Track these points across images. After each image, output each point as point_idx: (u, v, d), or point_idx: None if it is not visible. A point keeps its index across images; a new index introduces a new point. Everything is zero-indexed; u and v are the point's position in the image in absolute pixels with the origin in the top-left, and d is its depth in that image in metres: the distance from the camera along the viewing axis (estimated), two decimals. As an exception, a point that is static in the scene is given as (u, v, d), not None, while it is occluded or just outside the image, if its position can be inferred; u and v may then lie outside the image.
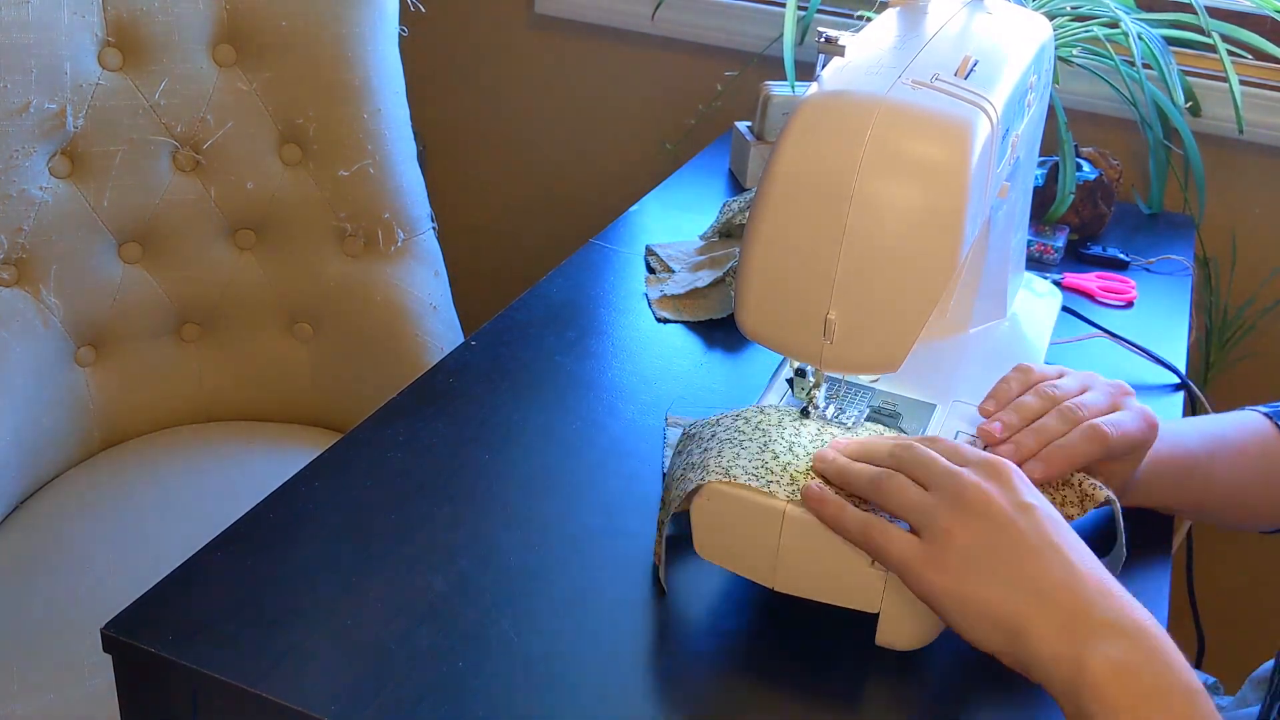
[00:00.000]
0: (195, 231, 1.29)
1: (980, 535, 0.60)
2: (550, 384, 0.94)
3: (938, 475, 0.63)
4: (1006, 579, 0.59)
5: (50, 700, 0.98)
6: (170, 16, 1.20)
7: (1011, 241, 0.95)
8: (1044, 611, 0.58)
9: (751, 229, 0.68)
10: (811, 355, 0.69)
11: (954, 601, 0.60)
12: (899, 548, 0.62)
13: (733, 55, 1.65)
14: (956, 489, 0.62)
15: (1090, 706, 0.55)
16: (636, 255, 1.18)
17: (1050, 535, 0.60)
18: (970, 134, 0.65)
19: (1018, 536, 0.60)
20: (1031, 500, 0.62)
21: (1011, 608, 0.58)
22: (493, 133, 1.86)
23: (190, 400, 1.35)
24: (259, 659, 0.64)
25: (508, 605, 0.70)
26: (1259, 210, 1.49)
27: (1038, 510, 0.61)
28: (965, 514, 0.61)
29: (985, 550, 0.60)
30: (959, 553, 0.60)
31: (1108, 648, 0.56)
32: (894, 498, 0.64)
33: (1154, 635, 0.57)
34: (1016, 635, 0.58)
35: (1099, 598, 0.58)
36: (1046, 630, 0.57)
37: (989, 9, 0.84)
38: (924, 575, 0.61)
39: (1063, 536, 0.61)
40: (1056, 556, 0.59)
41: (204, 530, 0.74)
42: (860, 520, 0.64)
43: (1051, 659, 0.57)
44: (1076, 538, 0.61)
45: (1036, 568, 0.59)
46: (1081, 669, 0.55)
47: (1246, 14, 1.43)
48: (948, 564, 0.60)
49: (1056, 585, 0.58)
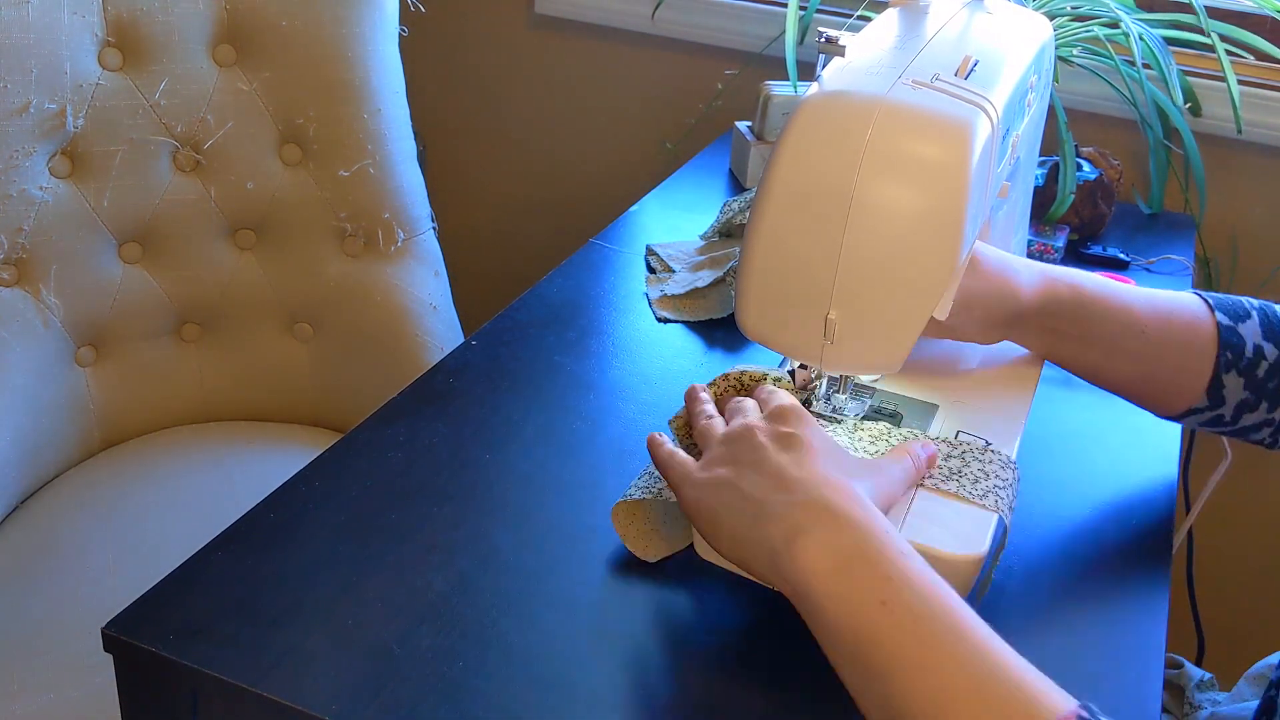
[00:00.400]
0: (195, 231, 1.29)
1: (733, 465, 0.65)
2: (550, 384, 0.94)
3: (735, 413, 0.70)
4: (744, 512, 0.63)
5: (50, 700, 0.98)
6: (170, 16, 1.20)
7: (1012, 242, 0.95)
8: (774, 528, 0.61)
9: (752, 229, 0.68)
10: (812, 355, 0.69)
11: (694, 514, 0.66)
12: (673, 467, 0.69)
13: (733, 55, 1.65)
14: (739, 423, 0.68)
15: (810, 584, 0.59)
16: (637, 255, 1.18)
17: (796, 450, 0.64)
18: (970, 134, 0.65)
19: (767, 468, 0.64)
20: (793, 430, 0.66)
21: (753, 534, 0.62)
22: (493, 133, 1.86)
23: (190, 400, 1.35)
24: (259, 659, 0.64)
25: (508, 605, 0.70)
26: (1259, 210, 1.49)
27: (795, 436, 0.65)
28: (733, 443, 0.66)
29: (728, 483, 0.64)
30: (710, 472, 0.66)
31: (816, 533, 0.60)
32: (699, 429, 0.71)
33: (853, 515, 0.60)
34: (761, 559, 0.62)
35: (810, 500, 0.61)
36: (778, 544, 0.61)
37: (989, 9, 0.84)
38: (680, 490, 0.67)
39: (809, 449, 0.65)
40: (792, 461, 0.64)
41: (204, 530, 0.74)
42: (667, 449, 0.71)
43: (783, 565, 0.60)
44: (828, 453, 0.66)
45: (767, 494, 0.63)
46: (797, 559, 0.59)
47: (1246, 14, 1.43)
48: (703, 479, 0.66)
49: (781, 503, 0.62)
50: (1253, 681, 0.97)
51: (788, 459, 0.64)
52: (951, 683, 0.54)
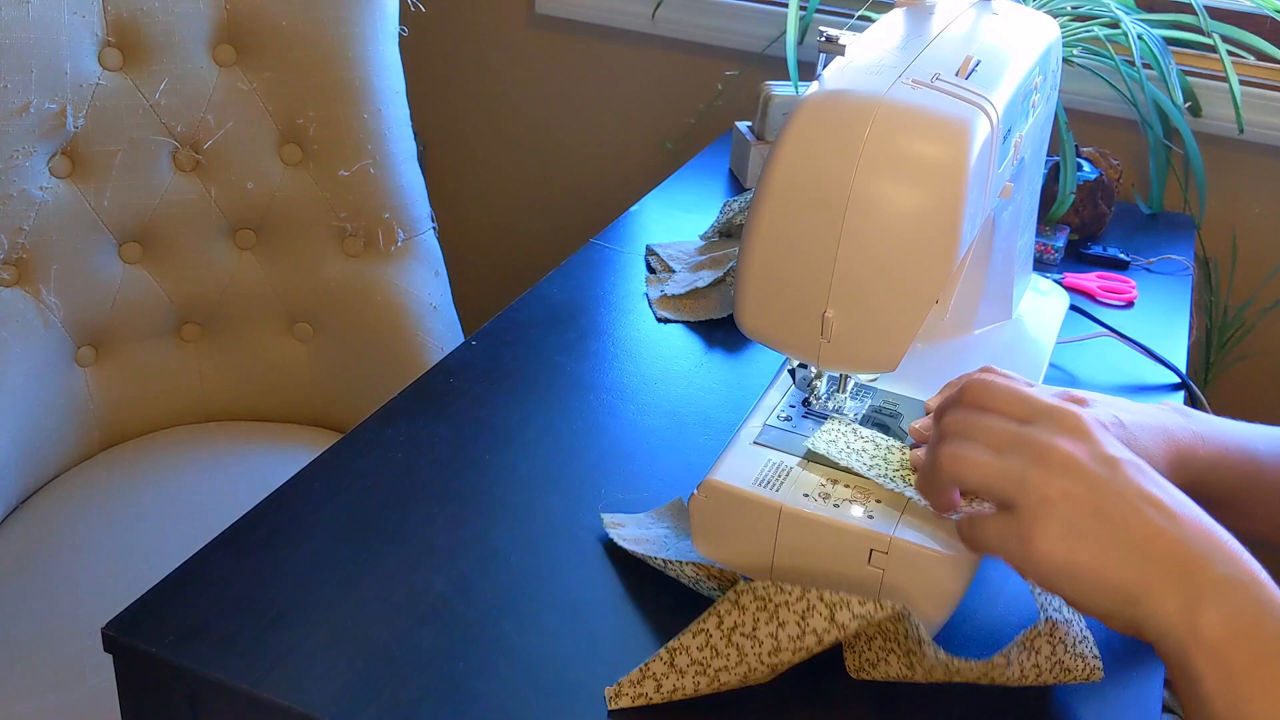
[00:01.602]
0: (195, 231, 1.29)
1: (1077, 498, 0.56)
2: (550, 384, 0.94)
3: (1009, 439, 0.58)
4: (1117, 543, 0.55)
5: (50, 700, 0.98)
6: (170, 16, 1.20)
7: (1017, 243, 0.95)
8: (1160, 574, 0.54)
9: (750, 227, 0.68)
10: (809, 353, 0.69)
11: (1065, 574, 0.56)
12: (995, 532, 0.58)
13: (733, 55, 1.65)
14: (1038, 451, 0.57)
15: (1205, 669, 0.53)
16: (637, 255, 1.18)
17: (1146, 489, 0.56)
18: (969, 134, 0.65)
19: (1116, 494, 0.56)
20: (1115, 453, 0.57)
21: (1128, 574, 0.55)
22: (493, 133, 1.86)
23: (190, 400, 1.35)
24: (259, 659, 0.64)
25: (508, 605, 0.70)
26: (1259, 210, 1.49)
27: (1124, 463, 0.57)
28: (1053, 474, 0.56)
29: (1088, 513, 0.56)
30: (1060, 520, 0.56)
31: (1222, 606, 0.53)
32: (965, 474, 0.59)
33: (1266, 587, 0.54)
34: (1134, 600, 0.55)
35: (1210, 551, 0.55)
36: (1164, 593, 0.54)
37: (995, 10, 0.84)
38: (1028, 553, 0.56)
39: (1159, 486, 0.57)
40: (1159, 511, 0.55)
41: (204, 530, 0.74)
42: (965, 528, 0.61)
43: (1166, 621, 0.54)
44: (1167, 483, 0.58)
45: (1144, 527, 0.55)
46: (1196, 632, 0.53)
47: (1246, 14, 1.43)
48: (1049, 535, 0.56)
49: (1168, 543, 0.55)
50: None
51: (1137, 487, 0.56)
52: None
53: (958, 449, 0.60)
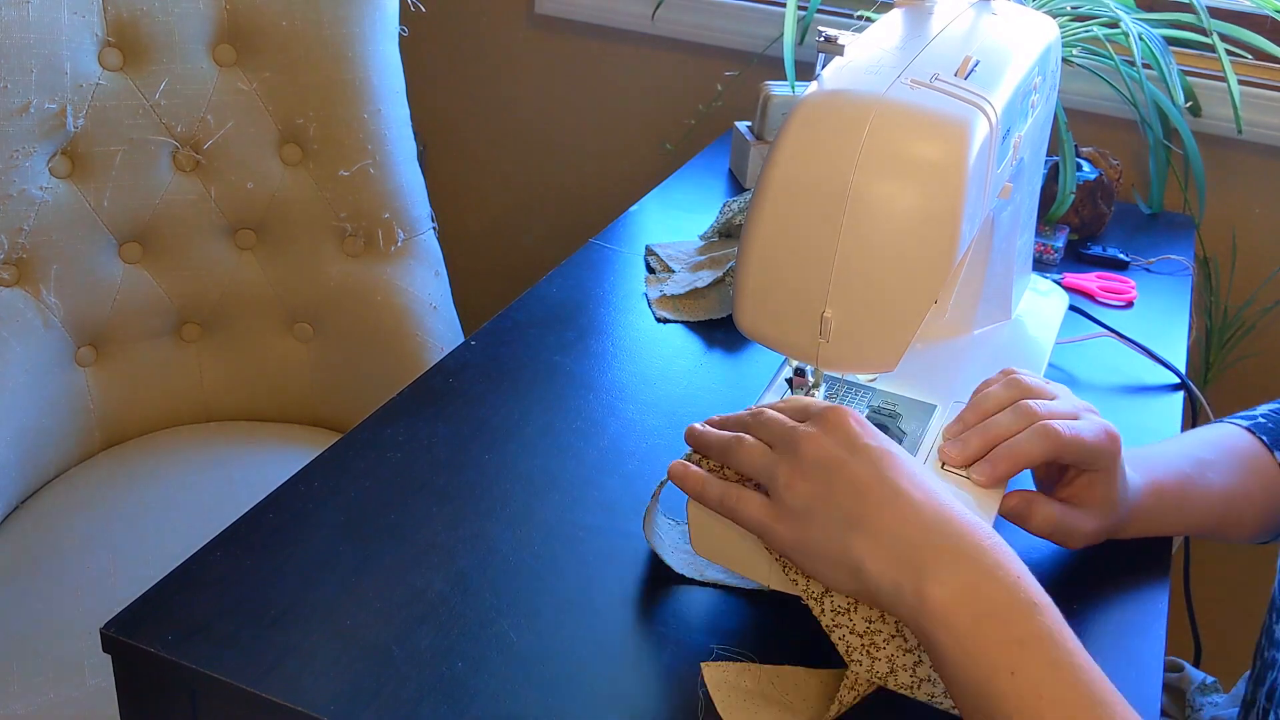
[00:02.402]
0: (195, 231, 1.29)
1: (816, 484, 0.62)
2: (550, 384, 0.94)
3: (778, 433, 0.65)
4: (841, 520, 0.61)
5: (50, 700, 0.98)
6: (170, 16, 1.20)
7: (1017, 243, 0.95)
8: (878, 545, 0.59)
9: (749, 227, 0.68)
10: (808, 354, 0.69)
11: (799, 551, 0.62)
12: (750, 509, 0.64)
13: (733, 55, 1.65)
14: (792, 443, 0.63)
15: (934, 632, 0.57)
16: (636, 255, 1.18)
17: (885, 471, 0.61)
18: (968, 134, 0.65)
19: (850, 478, 0.61)
20: (869, 441, 0.63)
21: (846, 546, 0.60)
22: (493, 133, 1.86)
23: (190, 400, 1.35)
24: (259, 659, 0.64)
25: (507, 605, 0.70)
26: (1259, 210, 1.49)
27: (874, 449, 0.62)
28: (801, 465, 0.62)
29: (821, 497, 0.62)
30: (798, 504, 0.62)
31: (945, 574, 0.57)
32: (743, 460, 0.65)
33: (992, 554, 0.58)
34: (857, 572, 0.60)
35: (935, 524, 0.59)
36: (882, 563, 0.59)
37: (994, 10, 0.84)
38: (774, 531, 0.63)
39: (898, 470, 0.62)
40: (889, 490, 0.61)
41: (204, 530, 0.74)
42: (718, 489, 0.66)
43: (893, 590, 0.59)
44: (917, 469, 0.62)
45: (867, 505, 0.60)
46: (922, 598, 0.57)
47: (1246, 14, 1.43)
48: (790, 516, 0.62)
49: (890, 520, 0.60)
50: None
51: (874, 473, 0.61)
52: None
53: (742, 443, 0.66)
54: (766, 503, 0.64)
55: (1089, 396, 0.97)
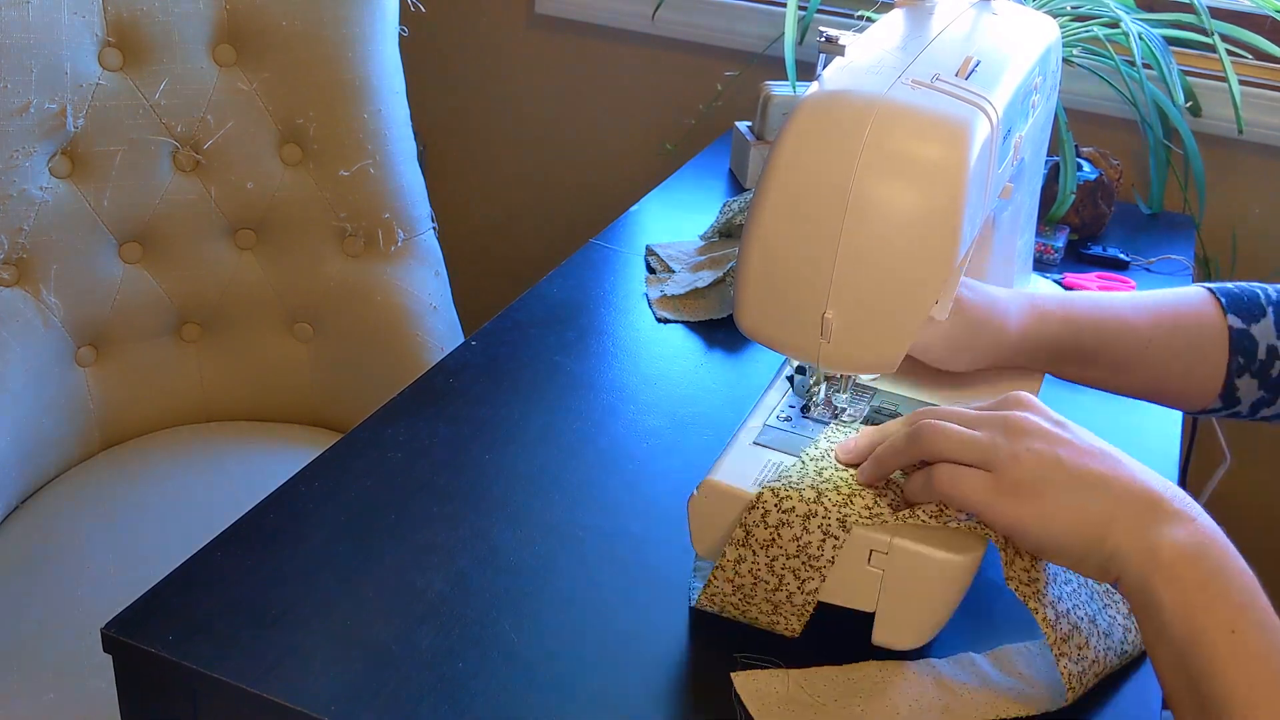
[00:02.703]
0: (195, 231, 1.29)
1: (1042, 453, 0.62)
2: (550, 384, 0.94)
3: (971, 419, 0.65)
4: (1081, 485, 0.61)
5: (50, 700, 0.98)
6: (170, 16, 1.20)
7: (1017, 244, 0.95)
8: (1122, 507, 0.60)
9: (750, 227, 0.68)
10: (809, 354, 0.69)
11: (1037, 522, 0.62)
12: (972, 485, 0.63)
13: (733, 55, 1.65)
14: (1001, 421, 0.64)
15: (1162, 589, 0.58)
16: (636, 255, 1.18)
17: (1097, 441, 0.64)
18: (969, 134, 0.65)
19: (1075, 446, 0.63)
20: (1060, 417, 0.65)
21: (1094, 510, 0.61)
22: (493, 133, 1.86)
23: (190, 400, 1.35)
24: (259, 659, 0.64)
25: (508, 605, 0.70)
26: (1259, 210, 1.49)
27: (1071, 424, 0.65)
28: (1021, 438, 0.63)
29: (1053, 465, 0.62)
30: (1030, 473, 0.62)
31: (1177, 532, 0.59)
32: (942, 444, 0.64)
33: (1212, 523, 0.60)
34: (1101, 537, 0.60)
35: (1162, 488, 0.61)
36: (1127, 524, 0.60)
37: (995, 10, 0.84)
38: (1004, 506, 0.62)
39: (1104, 442, 0.64)
40: (1111, 457, 0.63)
41: (204, 530, 0.74)
42: (922, 475, 0.65)
43: (1130, 550, 0.59)
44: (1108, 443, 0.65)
45: (1103, 469, 0.62)
46: (1155, 554, 0.58)
47: (1246, 14, 1.43)
48: (1023, 487, 0.62)
49: (1126, 482, 0.61)
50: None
51: (1091, 440, 0.63)
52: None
53: (936, 426, 0.65)
54: (989, 477, 0.63)
55: (1089, 397, 0.97)
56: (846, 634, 0.69)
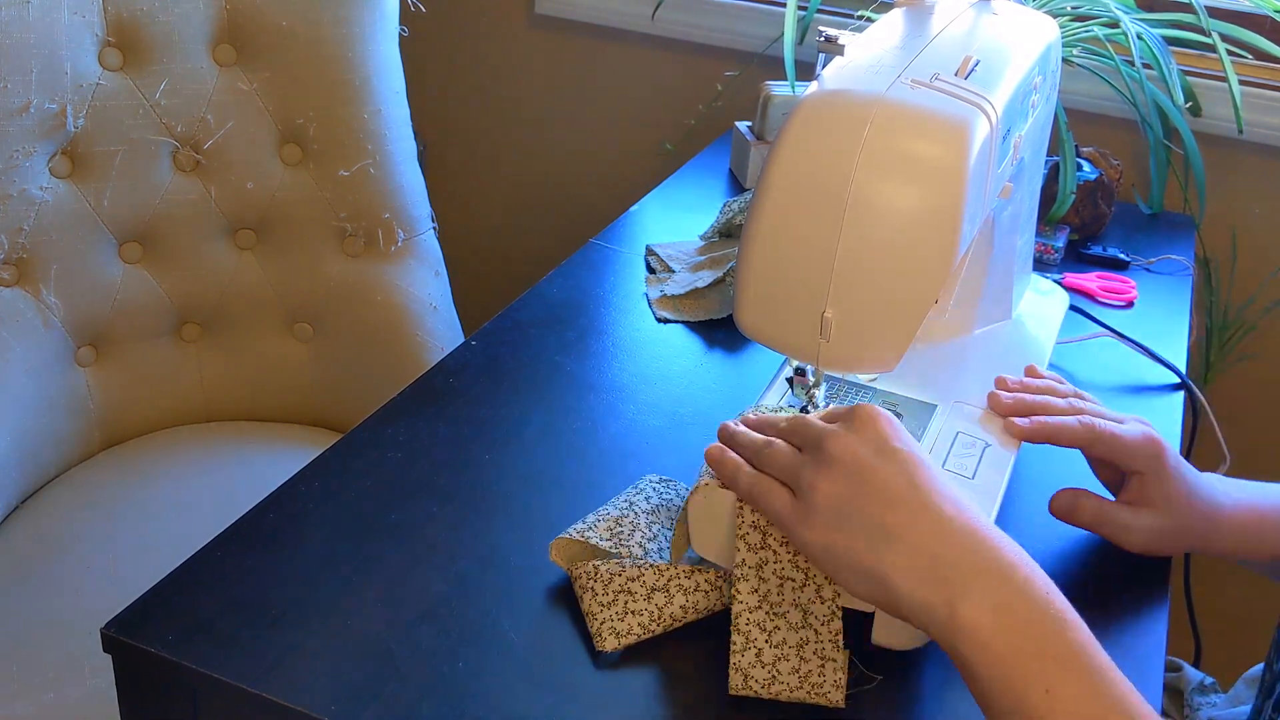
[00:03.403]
0: (195, 231, 1.29)
1: (843, 486, 0.61)
2: (550, 384, 0.94)
3: (809, 434, 0.64)
4: (869, 529, 0.59)
5: (50, 700, 0.98)
6: (170, 16, 1.20)
7: (1017, 243, 0.95)
8: (908, 560, 0.58)
9: (750, 227, 0.68)
10: (808, 354, 0.69)
11: (822, 554, 0.61)
12: (777, 504, 0.63)
13: (733, 55, 1.65)
14: (819, 442, 0.63)
15: (968, 652, 0.56)
16: (636, 255, 1.18)
17: (915, 479, 0.60)
18: (968, 133, 0.65)
19: (879, 485, 0.60)
20: (898, 445, 0.62)
21: (875, 558, 0.59)
22: (493, 132, 1.86)
23: (190, 400, 1.35)
24: (259, 659, 0.64)
25: (508, 605, 0.70)
26: (1259, 210, 1.49)
27: (902, 454, 0.61)
28: (828, 467, 0.61)
29: (847, 500, 0.60)
30: (824, 505, 0.61)
31: (977, 595, 0.56)
32: (770, 460, 0.65)
33: (1022, 570, 0.58)
34: (883, 584, 0.59)
35: (965, 540, 0.58)
36: (912, 579, 0.58)
37: (995, 10, 0.84)
38: (796, 530, 0.62)
39: (928, 478, 0.61)
40: (919, 501, 0.60)
41: (204, 530, 0.74)
42: (749, 479, 0.65)
43: (922, 606, 0.58)
44: (944, 480, 0.62)
45: (898, 516, 0.59)
46: (953, 616, 0.56)
47: (1246, 14, 1.43)
48: (815, 518, 0.61)
49: (921, 534, 0.59)
50: (1250, 684, 0.97)
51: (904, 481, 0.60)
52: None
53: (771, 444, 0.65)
54: (793, 501, 0.63)
55: (1089, 396, 0.97)
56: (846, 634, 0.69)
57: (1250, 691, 0.96)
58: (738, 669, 0.65)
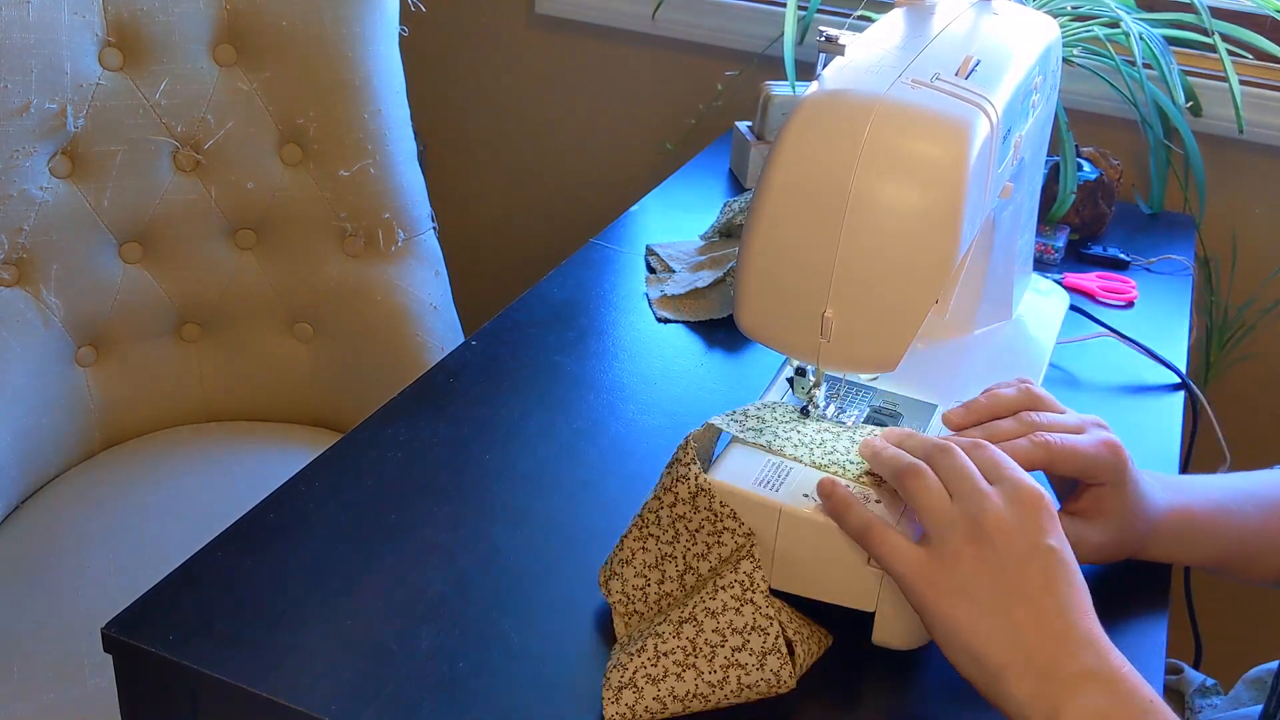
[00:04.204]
0: (195, 231, 1.29)
1: (985, 567, 0.59)
2: (550, 384, 0.94)
3: (967, 490, 0.62)
4: (996, 619, 0.59)
5: (50, 700, 0.98)
6: (170, 16, 1.20)
7: (1017, 243, 0.95)
8: (1023, 660, 0.58)
9: (750, 227, 0.68)
10: (809, 353, 0.69)
11: (941, 624, 0.60)
12: (900, 559, 0.61)
13: (733, 55, 1.65)
14: (979, 511, 0.60)
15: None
16: (637, 255, 1.18)
17: (1055, 583, 0.59)
18: (969, 133, 0.65)
19: (1021, 580, 0.59)
20: (1053, 543, 0.60)
21: (994, 648, 0.58)
22: (493, 133, 1.86)
23: (190, 400, 1.35)
24: (259, 659, 0.64)
25: (507, 605, 0.70)
26: (1259, 210, 1.49)
27: (1055, 554, 0.60)
28: (979, 542, 0.60)
29: (986, 584, 0.59)
30: (960, 579, 0.60)
31: (1083, 700, 0.56)
32: (917, 496, 0.63)
33: (1128, 681, 0.57)
34: (994, 676, 0.58)
35: (1080, 649, 0.58)
36: (1023, 679, 0.57)
37: (995, 10, 0.84)
38: (918, 588, 0.61)
39: (1068, 583, 0.60)
40: (1053, 605, 0.59)
41: (204, 530, 0.74)
42: (862, 521, 0.63)
43: (1027, 704, 0.57)
44: (1081, 585, 0.60)
45: (1029, 615, 0.58)
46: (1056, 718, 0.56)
47: (1247, 14, 1.43)
48: (945, 585, 0.60)
49: (1044, 637, 0.58)
50: (1250, 685, 0.97)
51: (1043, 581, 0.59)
52: None
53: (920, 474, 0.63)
54: (922, 555, 0.61)
55: (1089, 396, 0.97)
56: (847, 635, 0.69)
57: (1251, 693, 0.96)
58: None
